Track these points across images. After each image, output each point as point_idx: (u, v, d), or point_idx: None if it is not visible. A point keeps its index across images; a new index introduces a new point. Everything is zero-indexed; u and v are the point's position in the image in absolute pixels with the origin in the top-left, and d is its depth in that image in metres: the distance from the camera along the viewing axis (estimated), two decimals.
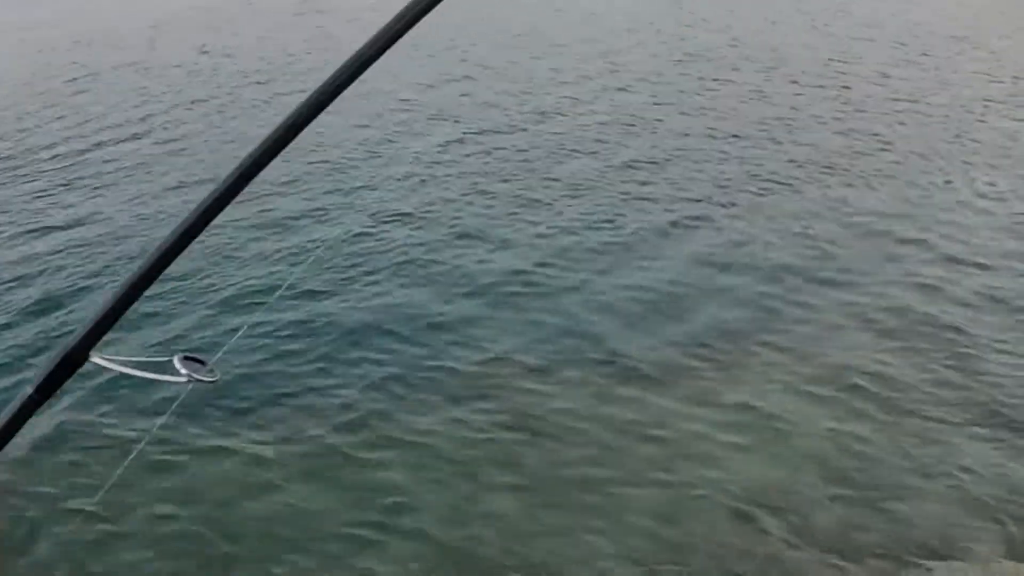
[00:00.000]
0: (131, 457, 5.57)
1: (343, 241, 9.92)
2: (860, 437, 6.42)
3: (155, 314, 8.43)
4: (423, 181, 11.63)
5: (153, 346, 7.91)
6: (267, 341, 7.94)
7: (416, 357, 7.65)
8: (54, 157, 13.61)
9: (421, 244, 9.76)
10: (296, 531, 5.78)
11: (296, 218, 10.62)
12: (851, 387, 6.98)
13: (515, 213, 10.52)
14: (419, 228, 10.17)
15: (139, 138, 14.26)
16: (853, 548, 5.46)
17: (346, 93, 1.37)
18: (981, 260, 8.93)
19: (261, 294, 8.76)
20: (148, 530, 5.84)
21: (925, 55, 16.66)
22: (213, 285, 9.01)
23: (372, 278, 9.10)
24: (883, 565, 5.35)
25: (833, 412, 6.70)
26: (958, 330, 7.70)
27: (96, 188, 12.10)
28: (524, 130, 13.40)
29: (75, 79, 18.47)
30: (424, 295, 8.69)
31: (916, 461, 6.16)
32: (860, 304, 8.19)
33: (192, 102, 16.05)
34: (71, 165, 13.16)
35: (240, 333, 7.66)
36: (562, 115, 14.03)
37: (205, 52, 20.09)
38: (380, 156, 12.65)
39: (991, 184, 10.78)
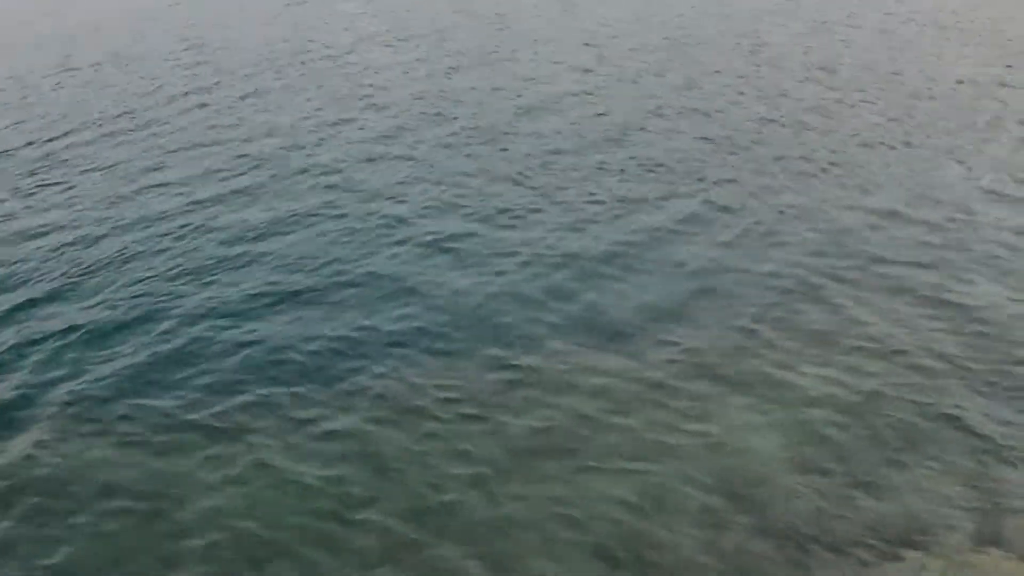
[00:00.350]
0: None
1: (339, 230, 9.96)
2: (850, 419, 6.45)
3: None
4: (419, 164, 11.63)
5: None
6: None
7: (385, 330, 7.82)
8: (37, 151, 13.50)
9: (422, 224, 9.80)
10: (253, 524, 5.82)
11: (284, 213, 10.67)
12: (841, 371, 6.99)
13: (496, 193, 10.53)
14: (418, 216, 10.19)
15: (129, 133, 14.11)
16: (838, 533, 5.48)
17: (342, 89, 1.28)
18: (975, 244, 8.90)
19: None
20: None
21: (910, 42, 16.66)
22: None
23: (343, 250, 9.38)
24: (875, 544, 5.39)
25: (822, 397, 6.70)
26: (960, 309, 7.72)
27: (70, 187, 11.97)
28: (514, 122, 13.30)
29: (60, 72, 18.32)
30: (412, 265, 8.86)
31: (912, 448, 6.17)
32: (852, 283, 8.22)
33: (186, 94, 15.92)
34: (54, 161, 13.05)
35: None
36: (552, 107, 13.93)
37: (192, 44, 19.91)
38: (374, 147, 12.59)
39: (985, 167, 10.77)
